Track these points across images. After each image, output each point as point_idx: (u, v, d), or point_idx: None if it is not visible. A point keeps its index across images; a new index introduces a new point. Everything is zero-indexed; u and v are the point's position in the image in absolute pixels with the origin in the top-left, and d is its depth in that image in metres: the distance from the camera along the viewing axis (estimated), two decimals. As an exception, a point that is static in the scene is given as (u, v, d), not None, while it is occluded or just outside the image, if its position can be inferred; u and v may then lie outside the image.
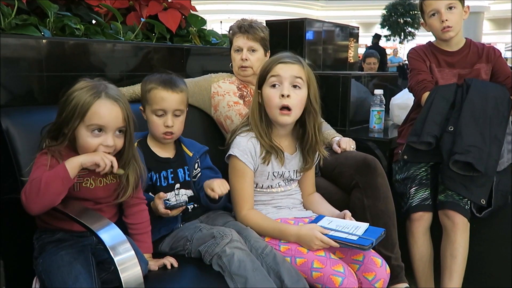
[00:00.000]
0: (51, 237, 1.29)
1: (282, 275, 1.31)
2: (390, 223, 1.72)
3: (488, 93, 1.84)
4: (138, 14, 2.34)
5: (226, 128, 1.97)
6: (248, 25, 1.94)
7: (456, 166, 1.74)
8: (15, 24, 1.72)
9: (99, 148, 1.24)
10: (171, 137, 1.54)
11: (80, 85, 1.25)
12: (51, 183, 1.15)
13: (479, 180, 1.77)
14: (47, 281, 1.20)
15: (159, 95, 1.50)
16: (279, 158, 1.54)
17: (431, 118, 1.83)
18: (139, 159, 1.36)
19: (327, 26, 2.98)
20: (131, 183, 1.31)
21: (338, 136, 2.02)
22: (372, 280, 1.42)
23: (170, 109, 1.51)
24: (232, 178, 1.53)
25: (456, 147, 1.73)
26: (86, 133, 1.23)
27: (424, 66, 2.01)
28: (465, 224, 1.84)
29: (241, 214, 1.51)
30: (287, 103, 1.46)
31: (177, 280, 1.31)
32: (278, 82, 1.48)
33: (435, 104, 1.85)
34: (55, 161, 1.24)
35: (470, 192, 1.78)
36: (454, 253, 1.82)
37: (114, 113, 1.24)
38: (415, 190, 1.95)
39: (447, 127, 1.80)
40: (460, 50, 2.03)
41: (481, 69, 2.00)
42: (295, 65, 1.49)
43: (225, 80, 2.03)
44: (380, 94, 2.48)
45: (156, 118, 1.52)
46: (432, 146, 1.82)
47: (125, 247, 1.09)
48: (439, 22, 1.95)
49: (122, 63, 1.96)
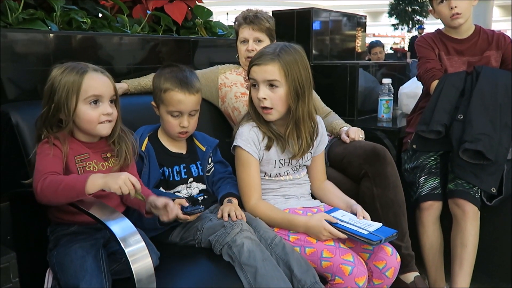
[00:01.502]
0: (66, 230, 1.31)
1: (291, 265, 1.32)
2: (400, 212, 1.72)
3: (498, 80, 1.81)
4: (144, 6, 2.34)
5: (234, 120, 1.97)
6: (254, 16, 1.92)
7: (466, 154, 1.72)
8: (22, 19, 1.73)
9: (101, 118, 1.29)
10: (185, 135, 1.55)
11: (59, 69, 1.29)
12: (68, 191, 1.17)
13: (489, 168, 1.76)
14: (60, 273, 1.22)
15: (176, 98, 1.47)
16: (281, 144, 1.54)
17: (440, 106, 1.81)
18: (126, 128, 1.42)
19: (334, 15, 2.96)
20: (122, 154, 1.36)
21: (347, 126, 2.01)
22: (382, 269, 1.42)
23: (187, 111, 1.50)
24: (238, 169, 1.54)
25: (466, 135, 1.71)
26: (85, 107, 1.28)
27: (433, 54, 1.99)
28: (475, 212, 1.82)
29: (250, 204, 1.51)
30: (264, 104, 1.46)
31: (188, 270, 1.32)
32: (256, 83, 1.48)
33: (444, 93, 1.83)
34: (57, 149, 1.26)
35: (480, 181, 1.76)
36: (464, 241, 1.81)
37: (106, 83, 1.31)
38: (424, 179, 1.94)
39: (457, 115, 1.78)
40: (470, 37, 2.00)
41: (491, 56, 1.97)
42: (269, 65, 1.43)
43: (232, 71, 2.03)
44: (389, 83, 2.47)
45: (171, 118, 1.50)
46: (442, 135, 1.80)
47: (135, 239, 1.10)
48: (448, 8, 1.92)
49: (129, 56, 1.96)
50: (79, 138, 1.33)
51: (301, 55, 1.48)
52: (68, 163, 1.28)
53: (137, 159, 1.46)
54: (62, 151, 1.27)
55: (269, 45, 1.52)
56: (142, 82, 1.86)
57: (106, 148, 1.37)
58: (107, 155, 1.37)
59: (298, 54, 1.47)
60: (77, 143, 1.32)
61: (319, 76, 2.58)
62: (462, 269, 1.81)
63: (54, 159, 1.25)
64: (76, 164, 1.30)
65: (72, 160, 1.29)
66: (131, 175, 1.19)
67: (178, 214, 1.35)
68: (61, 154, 1.26)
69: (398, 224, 1.68)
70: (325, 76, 2.60)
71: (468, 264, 1.81)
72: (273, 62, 1.44)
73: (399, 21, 16.64)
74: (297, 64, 1.45)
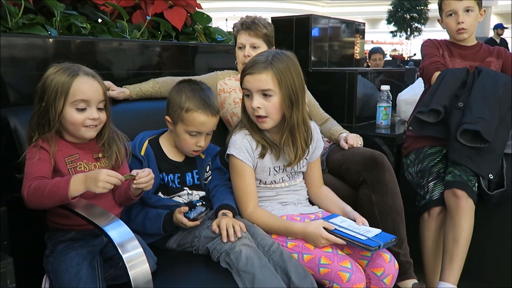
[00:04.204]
0: (63, 236, 1.31)
1: (289, 272, 1.31)
2: (399, 219, 1.72)
3: (499, 78, 1.86)
4: (144, 12, 2.35)
5: (233, 125, 1.97)
6: (251, 22, 1.93)
7: (463, 137, 1.74)
8: (22, 24, 1.73)
9: (86, 122, 1.29)
10: (199, 153, 1.55)
11: (54, 69, 1.30)
12: (52, 196, 1.18)
13: (486, 155, 1.77)
14: (55, 281, 1.22)
15: (199, 120, 1.45)
16: (275, 152, 1.53)
17: (441, 90, 1.84)
18: (120, 132, 1.43)
19: (333, 22, 2.97)
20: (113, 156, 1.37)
21: (345, 132, 2.02)
22: (380, 276, 1.42)
23: (206, 131, 1.50)
24: (233, 177, 1.53)
25: (465, 118, 1.74)
26: (71, 110, 1.28)
27: (437, 52, 2.05)
28: (470, 207, 1.79)
29: (247, 212, 1.50)
30: (259, 113, 1.46)
31: (185, 277, 1.31)
32: (249, 93, 1.47)
33: (446, 80, 1.87)
34: (44, 152, 1.27)
35: (476, 165, 1.77)
36: (456, 236, 1.78)
37: (95, 88, 1.31)
38: (433, 184, 1.93)
39: (457, 103, 1.81)
40: (473, 46, 2.08)
41: (491, 63, 2.02)
42: (262, 74, 1.42)
43: (230, 77, 2.03)
44: (387, 90, 2.47)
45: (189, 137, 1.49)
46: (441, 116, 1.82)
47: (133, 244, 1.09)
48: (455, 23, 2.00)
49: (129, 61, 1.96)
50: (68, 139, 1.34)
51: (294, 61, 1.47)
52: (58, 164, 1.28)
53: (129, 161, 1.46)
54: (49, 153, 1.27)
55: (261, 53, 1.51)
56: (143, 88, 1.86)
57: (97, 149, 1.38)
58: (98, 156, 1.38)
59: (291, 61, 1.46)
60: (66, 144, 1.33)
61: (318, 82, 2.58)
62: (452, 264, 1.79)
63: (41, 163, 1.25)
64: (67, 165, 1.30)
65: (62, 161, 1.29)
66: (108, 171, 1.20)
67: (186, 223, 1.36)
68: (49, 156, 1.27)
69: (397, 231, 1.68)
70: (324, 83, 2.61)
71: (458, 259, 1.79)
72: (266, 70, 1.42)
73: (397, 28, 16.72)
74: (290, 71, 1.44)
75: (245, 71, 1.47)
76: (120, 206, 1.41)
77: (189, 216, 1.37)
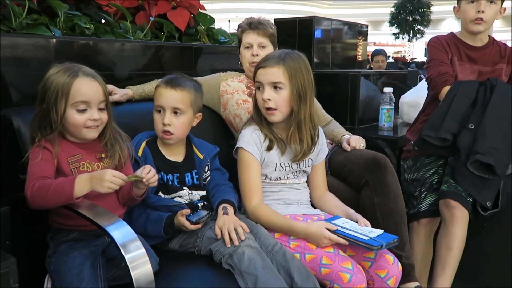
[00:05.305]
0: (66, 237, 1.31)
1: (292, 272, 1.31)
2: (401, 221, 1.71)
3: (510, 97, 1.79)
4: (147, 13, 2.35)
5: (235, 127, 1.97)
6: (258, 22, 1.95)
7: (473, 165, 1.71)
8: (26, 24, 1.73)
9: (87, 123, 1.29)
10: (169, 137, 1.51)
11: (54, 70, 1.30)
12: (56, 196, 1.18)
13: (489, 181, 1.75)
14: (57, 281, 1.22)
15: (159, 91, 1.52)
16: (281, 147, 1.57)
17: (451, 115, 1.78)
18: (123, 133, 1.43)
19: (335, 24, 2.97)
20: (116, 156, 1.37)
21: (348, 134, 2.02)
22: (384, 277, 1.42)
23: (167, 105, 1.49)
24: (240, 170, 1.56)
25: (479, 146, 1.68)
26: (72, 111, 1.28)
27: (446, 57, 1.96)
28: (464, 216, 1.79)
29: (251, 205, 1.52)
30: (269, 105, 1.52)
31: (188, 278, 1.31)
32: (261, 86, 1.54)
33: (456, 101, 1.80)
34: (47, 152, 1.27)
35: (478, 193, 1.75)
36: (449, 244, 1.78)
37: (95, 88, 1.31)
38: (424, 195, 1.93)
39: (467, 125, 1.76)
40: (484, 46, 1.99)
41: (502, 70, 1.97)
42: (274, 68, 1.51)
43: (233, 78, 2.03)
44: (390, 92, 2.47)
45: (156, 115, 1.52)
46: (448, 143, 1.78)
47: (135, 245, 1.09)
48: (475, 11, 1.90)
49: (132, 62, 1.97)
50: (70, 139, 1.34)
51: (305, 61, 1.56)
52: (61, 164, 1.28)
53: (133, 162, 1.46)
54: (52, 153, 1.27)
55: (275, 51, 1.60)
56: (146, 89, 1.87)
57: (100, 149, 1.38)
58: (101, 155, 1.38)
59: (302, 60, 1.55)
60: (69, 144, 1.33)
61: (321, 84, 2.56)
62: (444, 272, 1.79)
63: (44, 163, 1.25)
64: (70, 165, 1.30)
65: (65, 162, 1.29)
66: (113, 171, 1.20)
67: (187, 226, 1.36)
68: (52, 157, 1.27)
69: (399, 233, 1.67)
70: (327, 84, 2.61)
71: (450, 267, 1.79)
72: (278, 65, 1.51)
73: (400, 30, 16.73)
74: (300, 69, 1.52)
75: (259, 66, 1.55)
76: (123, 206, 1.41)
77: (191, 219, 1.38)
